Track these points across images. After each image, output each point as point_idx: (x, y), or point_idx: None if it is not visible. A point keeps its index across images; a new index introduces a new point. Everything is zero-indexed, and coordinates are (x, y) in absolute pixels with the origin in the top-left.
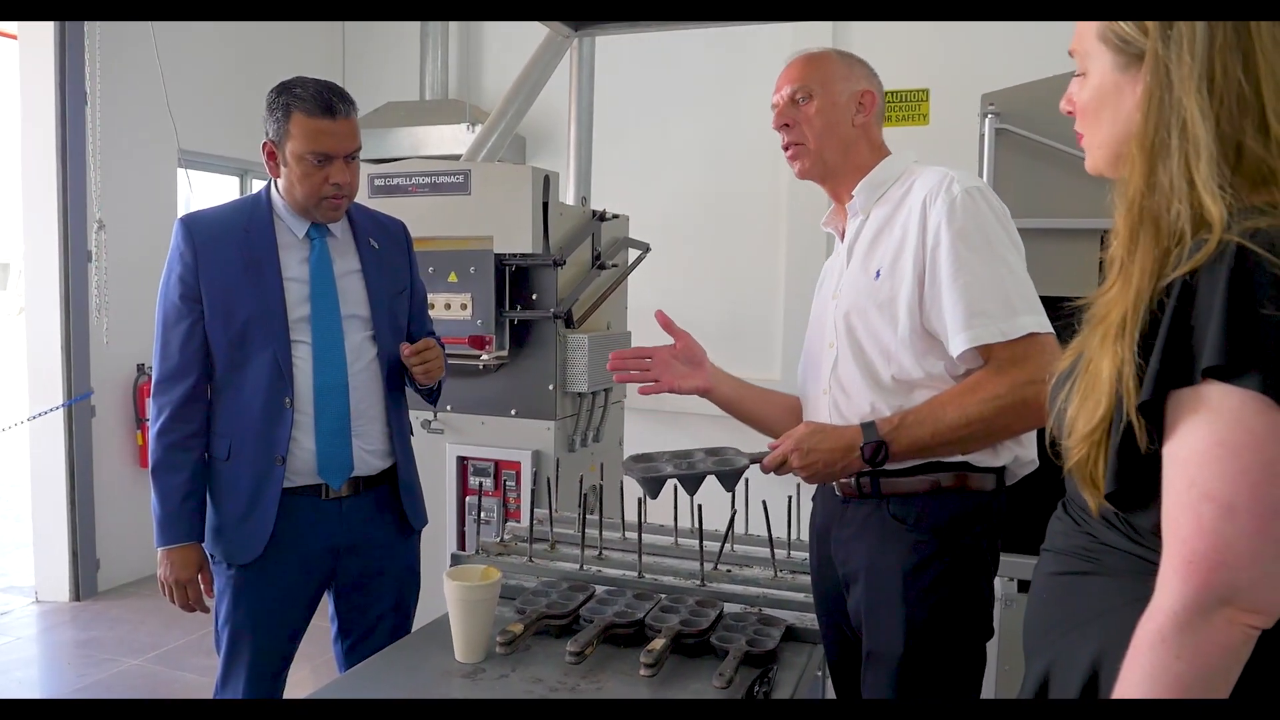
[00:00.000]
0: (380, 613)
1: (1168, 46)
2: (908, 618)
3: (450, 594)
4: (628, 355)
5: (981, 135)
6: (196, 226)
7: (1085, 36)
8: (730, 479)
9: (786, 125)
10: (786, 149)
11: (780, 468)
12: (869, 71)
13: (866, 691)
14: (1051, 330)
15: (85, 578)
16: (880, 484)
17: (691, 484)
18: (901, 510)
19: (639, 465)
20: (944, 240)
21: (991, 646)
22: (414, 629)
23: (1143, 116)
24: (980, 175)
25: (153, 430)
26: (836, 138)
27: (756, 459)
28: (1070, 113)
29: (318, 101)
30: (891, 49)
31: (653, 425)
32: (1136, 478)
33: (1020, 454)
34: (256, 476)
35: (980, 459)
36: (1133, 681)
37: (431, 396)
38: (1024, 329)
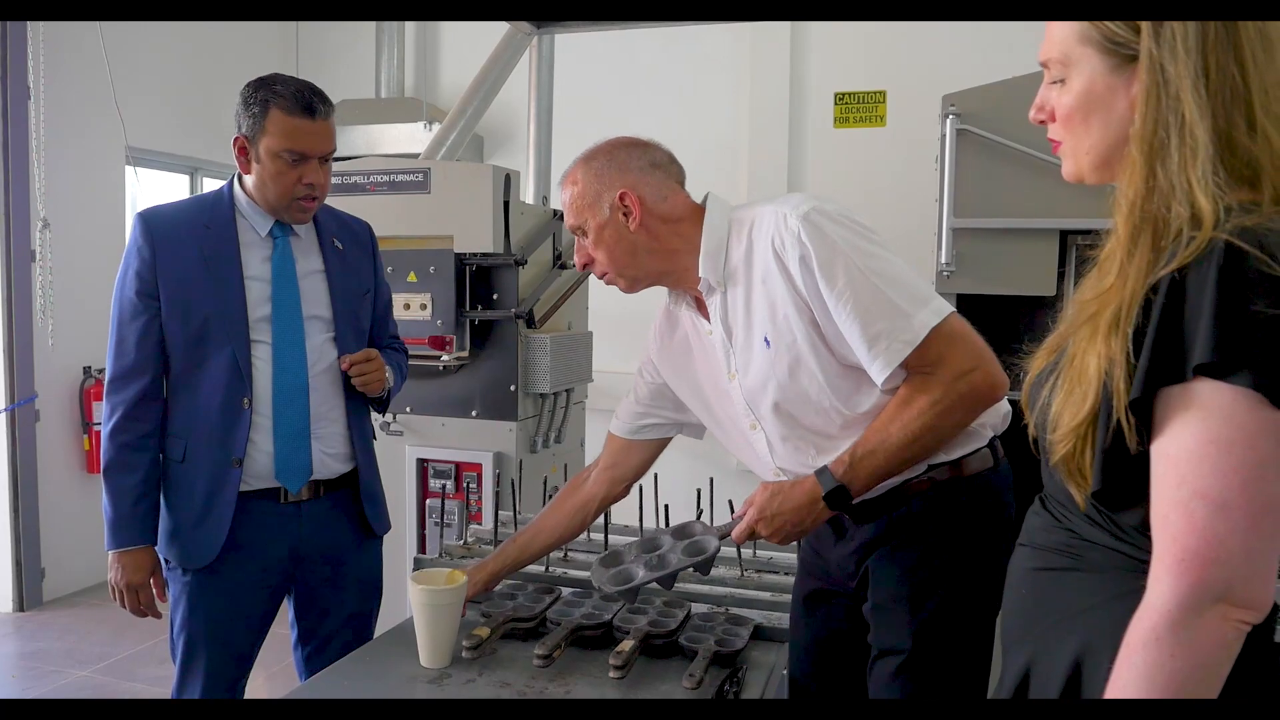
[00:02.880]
0: (341, 619)
1: (1160, 45)
2: (912, 614)
3: (416, 598)
4: None
5: (942, 136)
6: (156, 222)
7: (1063, 42)
8: (705, 566)
9: (585, 265)
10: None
11: (752, 535)
12: (623, 161)
13: (874, 691)
14: (949, 308)
15: (30, 587)
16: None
17: (668, 581)
18: (904, 512)
19: (610, 573)
20: (816, 278)
21: None
22: (375, 635)
23: (1141, 117)
24: (941, 176)
25: (105, 430)
26: (625, 255)
27: (725, 533)
28: (1042, 122)
29: (298, 100)
30: (849, 50)
31: None
32: (1123, 476)
33: (992, 421)
34: (213, 479)
35: (963, 447)
36: (1127, 680)
37: (380, 406)
38: (925, 327)
